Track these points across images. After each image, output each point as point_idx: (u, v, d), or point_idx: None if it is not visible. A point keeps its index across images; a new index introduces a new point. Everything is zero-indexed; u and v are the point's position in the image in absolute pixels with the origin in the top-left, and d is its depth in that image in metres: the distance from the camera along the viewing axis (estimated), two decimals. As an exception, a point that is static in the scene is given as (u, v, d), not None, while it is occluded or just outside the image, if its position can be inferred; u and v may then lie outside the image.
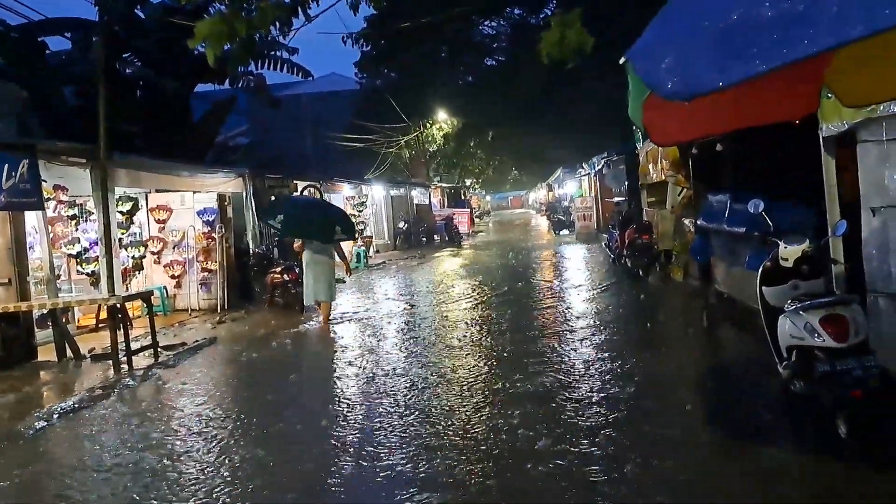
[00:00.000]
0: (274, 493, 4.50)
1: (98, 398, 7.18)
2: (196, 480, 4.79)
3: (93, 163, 9.52)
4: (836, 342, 4.15)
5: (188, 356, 9.09)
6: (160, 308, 12.63)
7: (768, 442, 4.60)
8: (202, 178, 13.06)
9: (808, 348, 4.38)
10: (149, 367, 8.48)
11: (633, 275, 13.19)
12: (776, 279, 5.27)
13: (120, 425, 6.32)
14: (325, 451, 5.15)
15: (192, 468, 5.03)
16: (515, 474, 4.42)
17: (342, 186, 22.06)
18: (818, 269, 5.23)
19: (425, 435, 5.29)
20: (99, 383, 7.69)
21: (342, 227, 10.90)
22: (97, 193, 9.54)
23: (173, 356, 8.99)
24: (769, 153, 9.40)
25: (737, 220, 8.23)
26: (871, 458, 4.13)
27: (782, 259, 5.19)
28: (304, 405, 6.55)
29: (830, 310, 4.27)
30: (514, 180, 61.87)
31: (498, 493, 4.20)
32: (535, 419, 5.40)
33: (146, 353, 8.98)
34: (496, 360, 7.59)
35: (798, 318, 4.44)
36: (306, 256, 10.79)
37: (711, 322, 8.58)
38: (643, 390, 6.03)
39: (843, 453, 4.18)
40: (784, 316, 4.69)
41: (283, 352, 9.22)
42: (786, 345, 4.72)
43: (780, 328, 4.77)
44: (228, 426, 6.00)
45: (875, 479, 3.98)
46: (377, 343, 9.17)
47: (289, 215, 10.95)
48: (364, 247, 21.12)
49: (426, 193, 33.84)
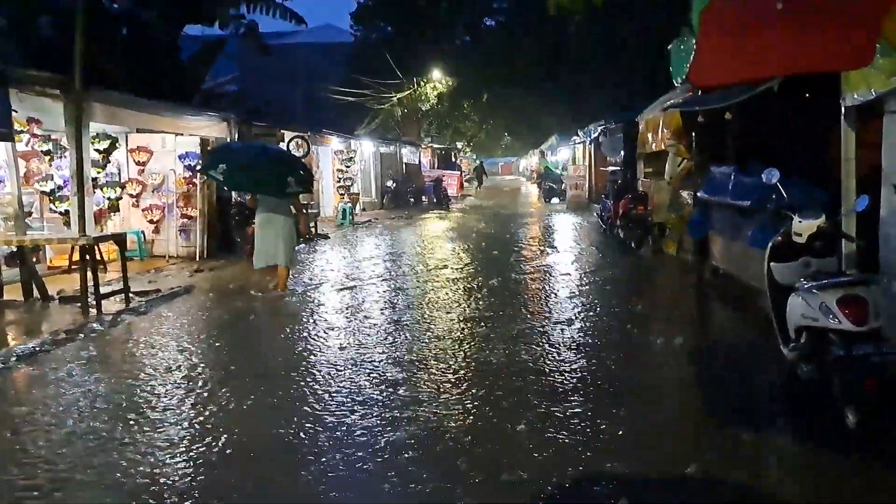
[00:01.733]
0: (239, 449, 4.18)
1: (61, 342, 6.79)
2: (154, 433, 4.46)
3: (67, 95, 8.97)
4: (854, 325, 3.85)
5: (161, 304, 8.71)
6: (136, 253, 12.20)
7: (767, 428, 4.32)
8: (185, 119, 12.49)
9: (821, 330, 4.08)
10: (119, 312, 8.09)
11: (625, 246, 12.90)
12: (786, 255, 4.97)
13: (80, 371, 5.96)
14: (288, 411, 4.83)
15: (151, 420, 4.70)
16: (491, 449, 4.14)
17: (331, 140, 21.49)
18: (832, 247, 4.93)
19: (400, 393, 4.99)
20: (64, 326, 7.29)
21: (296, 178, 9.21)
22: (70, 128, 9.00)
23: (145, 303, 8.60)
24: (777, 126, 9.07)
25: (741, 194, 7.91)
26: (880, 451, 3.86)
27: (795, 234, 4.87)
28: (272, 363, 6.19)
29: (849, 290, 3.95)
30: (505, 146, 61.15)
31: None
32: (510, 399, 5.11)
33: (117, 298, 8.58)
34: (473, 337, 7.23)
35: (812, 297, 4.13)
36: (259, 214, 9.32)
37: (708, 299, 8.31)
38: (633, 369, 5.75)
39: (849, 443, 3.92)
40: (796, 294, 4.38)
41: (259, 306, 8.84)
42: (795, 325, 4.41)
43: (790, 307, 4.46)
44: (194, 378, 5.67)
45: (881, 471, 3.73)
46: (356, 304, 8.82)
47: (232, 165, 9.14)
48: (350, 203, 20.69)
49: (416, 153, 33.26)
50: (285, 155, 10.79)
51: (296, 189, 9.22)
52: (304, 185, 9.53)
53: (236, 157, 9.51)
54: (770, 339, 5.27)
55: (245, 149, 10.58)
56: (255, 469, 3.96)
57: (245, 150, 10.21)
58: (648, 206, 12.82)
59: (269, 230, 9.20)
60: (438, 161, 40.35)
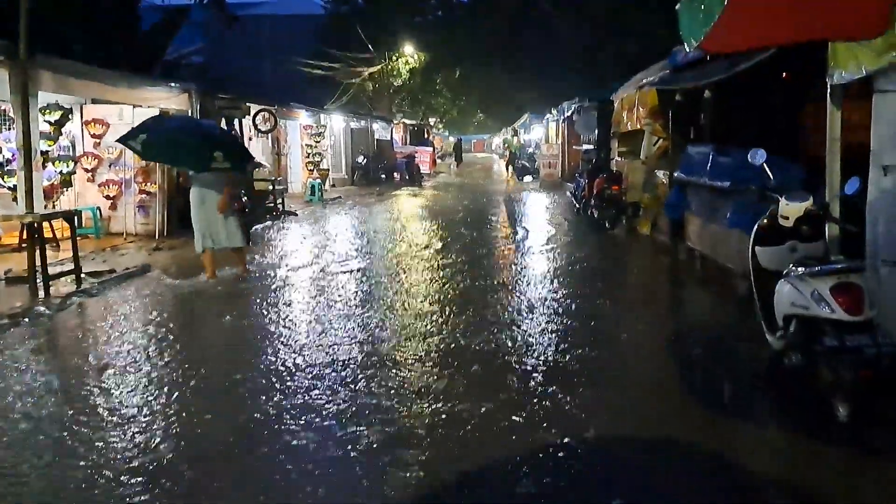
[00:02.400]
0: (191, 445, 3.85)
1: (3, 326, 6.36)
2: (98, 424, 4.11)
3: (11, 62, 8.40)
4: (849, 315, 3.63)
5: (114, 285, 8.26)
6: (92, 230, 11.68)
7: (752, 419, 4.11)
8: (142, 90, 11.92)
9: (812, 319, 3.85)
10: (69, 294, 7.63)
11: (599, 226, 12.68)
12: (772, 239, 4.75)
13: (21, 358, 5.54)
14: (240, 403, 4.50)
15: (95, 410, 4.34)
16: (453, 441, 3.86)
17: (299, 113, 20.90)
18: (819, 231, 4.71)
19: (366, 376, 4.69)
20: (7, 310, 6.83)
21: (224, 152, 8.45)
22: (16, 97, 8.46)
23: (98, 284, 8.14)
24: (755, 106, 8.88)
25: (719, 174, 7.70)
26: (872, 445, 3.67)
27: (782, 217, 4.66)
28: (232, 349, 5.85)
29: (843, 277, 3.72)
30: (478, 123, 60.75)
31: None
32: (477, 387, 4.84)
33: (68, 278, 8.12)
34: (441, 322, 6.95)
35: (804, 284, 3.89)
36: (193, 192, 8.64)
37: (683, 280, 8.13)
38: (606, 355, 5.51)
39: (839, 437, 3.72)
40: (785, 281, 4.14)
41: (219, 287, 8.42)
42: (784, 313, 4.18)
43: (778, 294, 4.23)
44: (144, 366, 5.30)
45: (871, 466, 3.53)
46: (319, 286, 8.47)
47: (153, 136, 8.53)
48: (320, 180, 20.20)
49: (388, 129, 32.69)
50: (217, 131, 9.69)
51: (222, 165, 8.39)
52: (234, 162, 8.69)
53: (160, 128, 8.90)
54: (749, 323, 5.07)
55: (175, 122, 9.99)
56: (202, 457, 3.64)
57: (173, 123, 9.62)
58: (623, 186, 12.61)
59: (208, 209, 8.55)
60: (411, 137, 39.82)
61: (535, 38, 28.46)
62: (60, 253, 9.71)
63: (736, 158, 7.26)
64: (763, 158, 4.97)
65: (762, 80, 8.15)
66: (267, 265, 9.59)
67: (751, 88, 8.48)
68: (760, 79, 7.97)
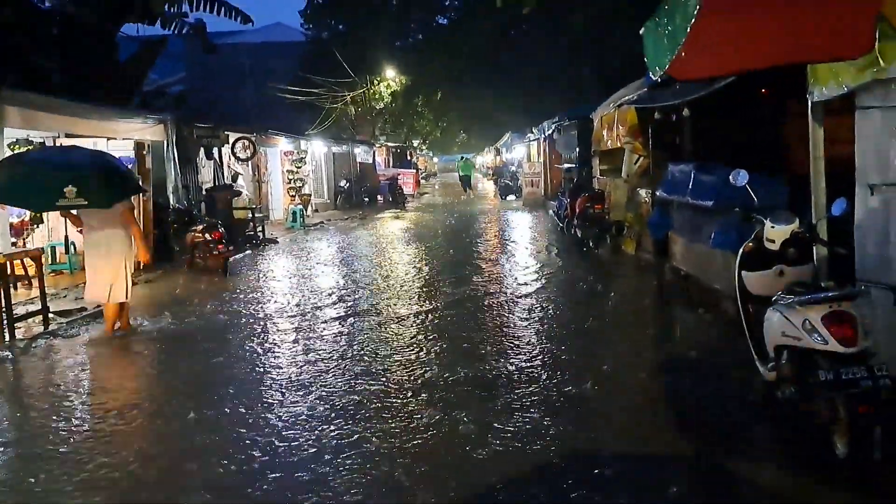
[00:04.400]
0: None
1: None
2: (56, 476, 3.85)
3: (-25, 98, 8.17)
4: (843, 346, 3.44)
5: (84, 324, 7.97)
6: (66, 266, 11.37)
7: (746, 455, 3.91)
8: (115, 122, 11.66)
9: (805, 350, 3.67)
10: (35, 336, 7.36)
11: (582, 246, 12.53)
12: (759, 263, 4.58)
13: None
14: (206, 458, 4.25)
15: (52, 463, 4.08)
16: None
17: (279, 140, 20.71)
18: (807, 254, 4.56)
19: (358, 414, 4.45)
20: (-31, 356, 6.56)
21: (80, 186, 6.79)
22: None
23: (66, 324, 7.87)
24: (735, 121, 8.79)
25: (702, 193, 7.56)
26: (874, 483, 3.47)
27: (768, 240, 4.50)
28: (213, 392, 5.58)
29: (836, 306, 3.54)
30: (461, 143, 60.84)
31: None
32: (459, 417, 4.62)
33: (36, 319, 7.83)
34: (426, 351, 6.74)
35: (794, 313, 3.71)
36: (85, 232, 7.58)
37: (670, 302, 7.95)
38: (592, 383, 5.29)
39: (838, 474, 3.52)
40: (774, 309, 3.96)
41: (197, 322, 8.15)
42: (774, 343, 3.99)
43: (767, 323, 4.04)
44: (114, 417, 5.02)
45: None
46: (288, 327, 8.22)
47: (5, 168, 7.31)
48: (301, 205, 19.98)
49: (370, 152, 32.59)
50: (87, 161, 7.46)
51: (73, 201, 6.84)
52: (94, 197, 6.93)
53: (15, 163, 7.68)
54: (739, 347, 4.88)
55: (34, 154, 8.61)
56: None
57: (30, 157, 8.30)
58: (605, 205, 12.48)
59: (98, 253, 7.39)
60: (394, 159, 39.73)
61: (514, 57, 28.54)
62: (33, 290, 9.40)
63: (718, 176, 7.12)
64: (745, 179, 4.82)
65: (741, 96, 8.05)
66: (238, 300, 9.34)
67: (730, 104, 8.39)
68: (739, 94, 7.88)
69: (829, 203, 4.95)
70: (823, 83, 4.99)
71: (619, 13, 18.18)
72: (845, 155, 5.04)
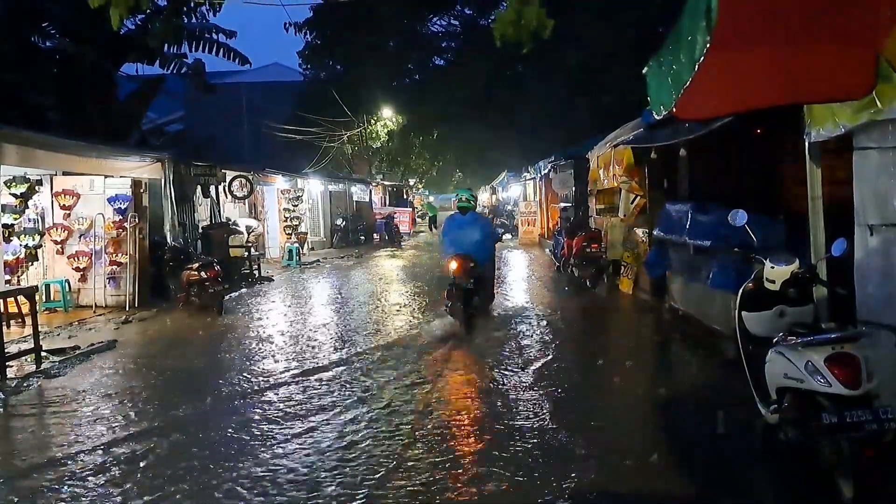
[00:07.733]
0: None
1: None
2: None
3: (-28, 136, 8.20)
4: (847, 388, 3.40)
5: (78, 363, 7.85)
6: (60, 304, 11.29)
7: (748, 500, 3.83)
8: (112, 160, 11.70)
9: (808, 392, 3.62)
10: (27, 375, 7.25)
11: (579, 285, 12.49)
12: (759, 304, 4.55)
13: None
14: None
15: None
16: None
17: (275, 178, 20.79)
18: (808, 294, 4.54)
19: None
20: (-41, 396, 6.44)
21: None
22: (-24, 171, 8.21)
23: (59, 363, 7.76)
24: (732, 160, 8.86)
25: (700, 233, 7.59)
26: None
27: (768, 280, 4.48)
28: (207, 436, 5.48)
29: (838, 347, 3.51)
30: (457, 182, 61.17)
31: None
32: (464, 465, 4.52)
33: (28, 358, 7.72)
34: (419, 397, 6.66)
35: (797, 355, 3.67)
36: None
37: (668, 343, 7.89)
38: (591, 425, 5.22)
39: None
40: (776, 351, 3.92)
41: (192, 361, 8.05)
42: (776, 385, 3.94)
43: (769, 365, 4.00)
44: (107, 463, 4.90)
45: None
46: (300, 353, 8.14)
47: None
48: (298, 244, 19.96)
49: (367, 190, 32.75)
50: None
51: None
52: None
53: None
54: (741, 388, 4.81)
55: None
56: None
57: None
58: (602, 244, 12.50)
59: None
60: (390, 198, 39.88)
61: (510, 97, 28.92)
62: (26, 329, 9.29)
63: (716, 216, 7.15)
64: (744, 220, 4.82)
65: (737, 135, 8.12)
66: (236, 343, 9.25)
67: (726, 143, 8.46)
68: (735, 133, 7.95)
69: (827, 243, 4.95)
70: (821, 123, 5.03)
71: (613, 55, 18.49)
72: (843, 194, 5.07)
